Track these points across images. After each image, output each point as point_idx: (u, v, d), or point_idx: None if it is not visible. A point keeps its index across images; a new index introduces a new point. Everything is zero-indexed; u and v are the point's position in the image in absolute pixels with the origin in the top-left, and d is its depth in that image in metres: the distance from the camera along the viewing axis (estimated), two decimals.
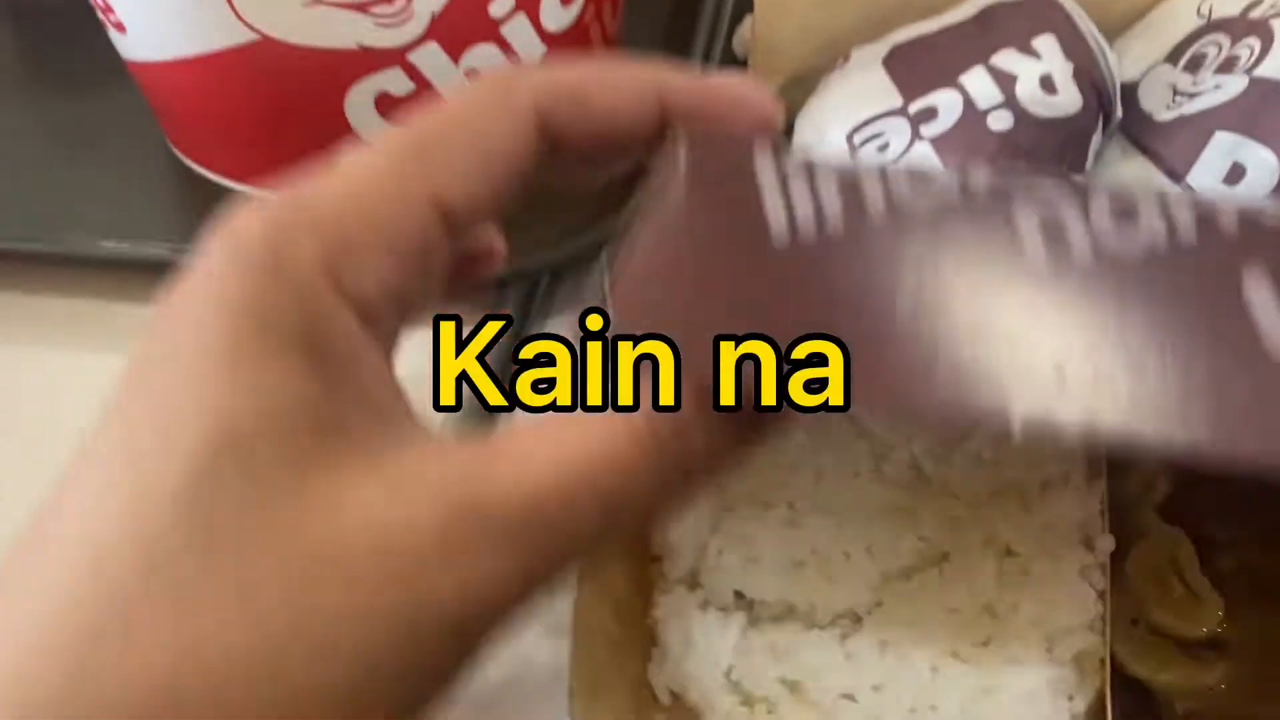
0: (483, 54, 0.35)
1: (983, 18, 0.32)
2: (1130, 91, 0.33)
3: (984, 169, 0.18)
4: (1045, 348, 0.16)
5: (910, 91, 0.32)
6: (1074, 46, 0.31)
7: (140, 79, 0.38)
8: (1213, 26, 0.34)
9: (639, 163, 0.20)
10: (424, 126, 0.19)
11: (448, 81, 0.35)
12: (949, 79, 0.31)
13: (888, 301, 0.16)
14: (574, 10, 0.37)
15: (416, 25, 0.33)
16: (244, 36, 0.33)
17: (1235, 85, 0.31)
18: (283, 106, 0.35)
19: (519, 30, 0.36)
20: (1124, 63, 0.34)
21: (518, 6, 0.35)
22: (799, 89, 0.38)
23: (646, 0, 0.44)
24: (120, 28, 0.36)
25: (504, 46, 0.36)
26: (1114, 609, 0.28)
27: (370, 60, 0.34)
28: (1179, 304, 0.16)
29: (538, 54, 0.37)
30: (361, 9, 0.33)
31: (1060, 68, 0.31)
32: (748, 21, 0.41)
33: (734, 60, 0.42)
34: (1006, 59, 0.31)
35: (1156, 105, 0.33)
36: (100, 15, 0.37)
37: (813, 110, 0.35)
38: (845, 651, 0.29)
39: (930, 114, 0.31)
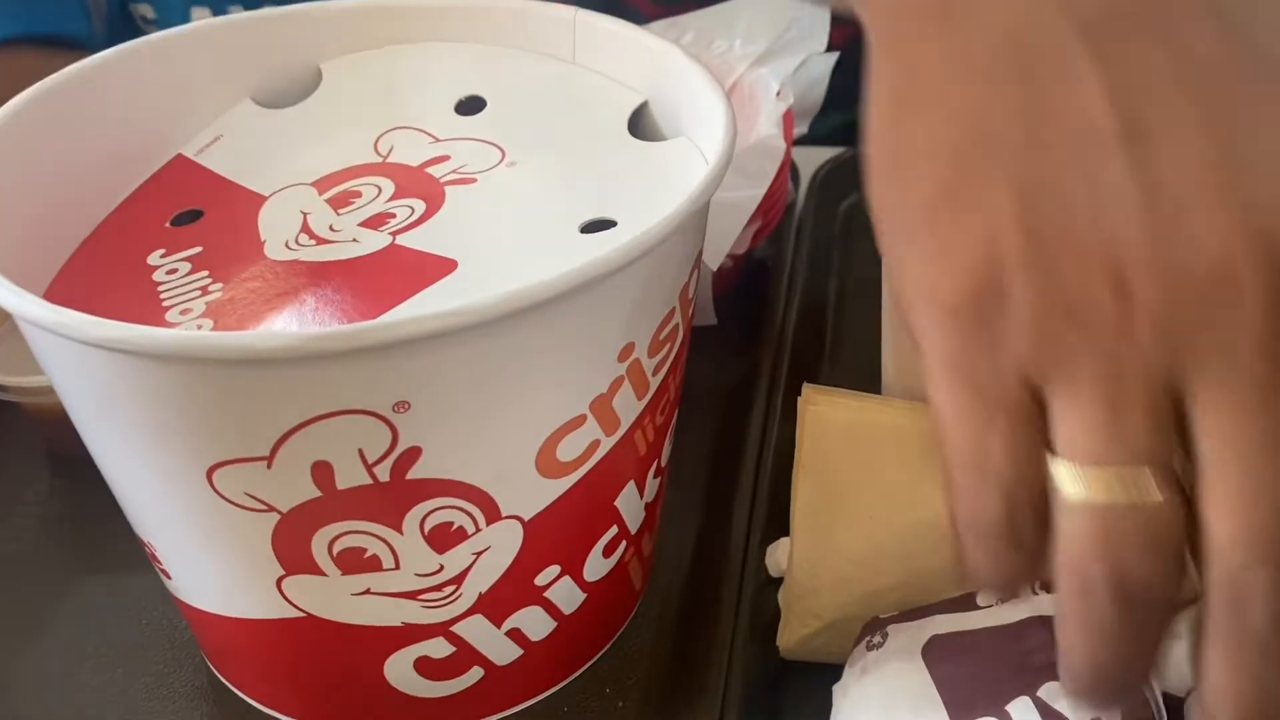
0: (526, 616, 0.36)
1: (1027, 630, 0.33)
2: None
3: None
4: None
5: (956, 712, 0.32)
6: None
7: (183, 611, 0.38)
8: None
9: None
10: None
11: (490, 644, 0.35)
12: (995, 705, 0.31)
13: None
14: (615, 557, 0.38)
15: (463, 603, 0.34)
16: (290, 613, 0.33)
17: None
18: (323, 665, 0.35)
19: (562, 589, 0.36)
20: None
21: (563, 571, 0.36)
22: (832, 633, 0.39)
23: (675, 521, 0.45)
24: (166, 574, 0.36)
25: (547, 606, 0.36)
26: None
27: (414, 634, 0.34)
28: None
29: (578, 603, 0.37)
30: (411, 596, 0.33)
31: None
32: (782, 545, 0.41)
33: (766, 575, 0.42)
34: (1055, 693, 0.31)
35: None
36: (149, 554, 0.37)
37: (852, 696, 0.34)
38: None
39: None
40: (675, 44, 0.40)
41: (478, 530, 0.32)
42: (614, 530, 0.37)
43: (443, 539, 0.32)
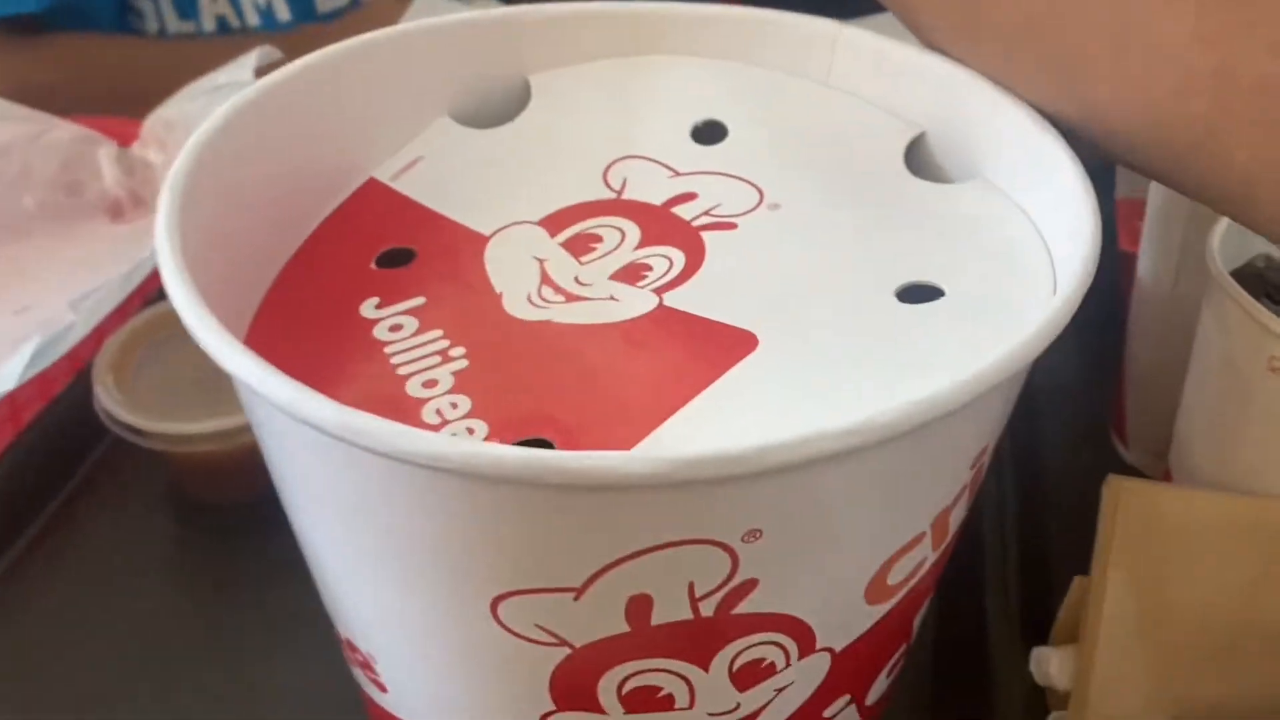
0: None
1: None
2: None
3: None
4: None
5: None
6: None
7: None
8: None
9: None
10: None
11: None
12: None
13: None
14: (893, 677, 0.32)
15: None
16: None
17: None
18: None
19: (845, 718, 0.30)
20: None
21: (851, 699, 0.30)
22: None
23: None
24: (378, 685, 0.31)
25: None
26: None
27: None
28: None
29: None
30: None
31: None
32: (1054, 655, 0.36)
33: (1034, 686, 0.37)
34: None
35: None
36: (345, 653, 0.32)
37: None
38: None
39: None
40: (964, 66, 0.34)
41: (787, 665, 0.27)
42: (902, 648, 0.31)
43: (749, 676, 0.26)
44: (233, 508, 0.43)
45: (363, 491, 0.24)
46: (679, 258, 0.32)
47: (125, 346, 0.43)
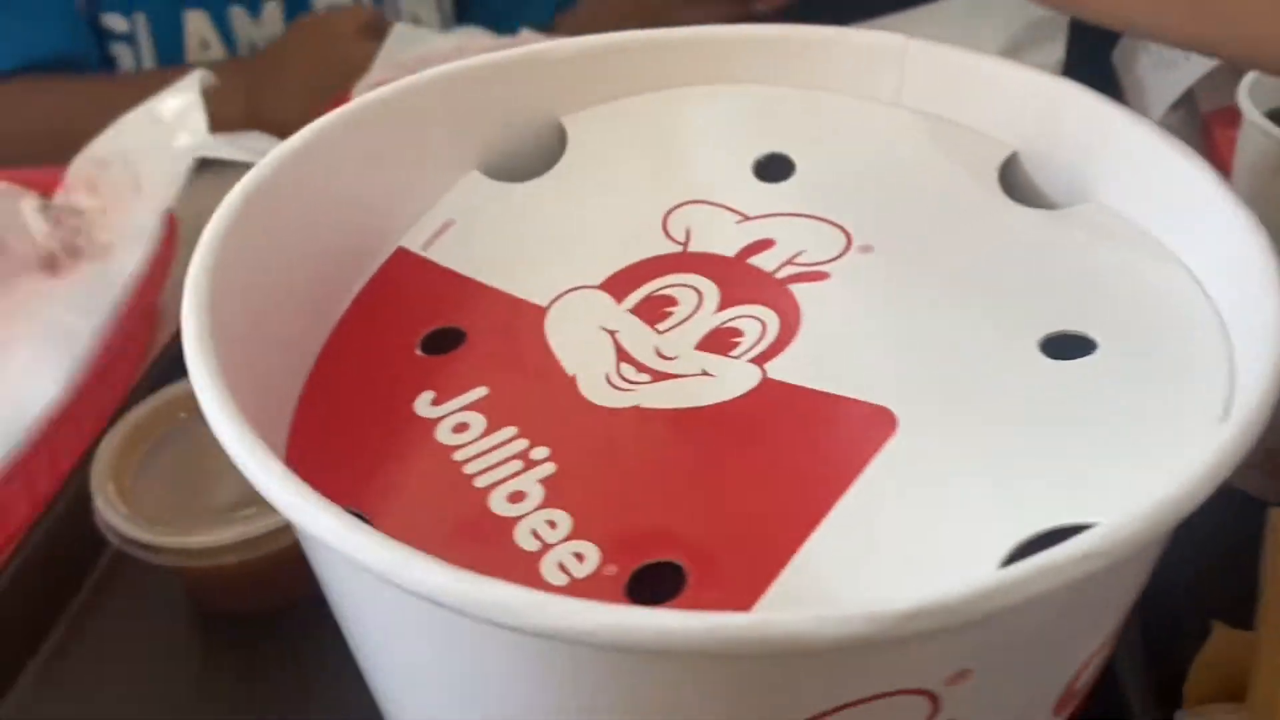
0: None
1: None
2: None
3: None
4: None
5: None
6: None
7: None
8: None
9: None
10: None
11: None
12: None
13: None
14: None
15: None
16: None
17: None
18: None
19: None
20: None
21: None
22: None
23: None
24: None
25: None
26: None
27: None
28: None
29: None
30: None
31: None
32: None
33: None
34: None
35: None
36: None
37: None
38: None
39: None
40: (1057, 75, 0.31)
41: None
42: None
43: None
44: (256, 618, 0.39)
45: (485, 668, 0.20)
46: (771, 319, 0.28)
47: (124, 447, 0.39)
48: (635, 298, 0.29)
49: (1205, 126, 0.51)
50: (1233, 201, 0.25)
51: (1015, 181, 0.31)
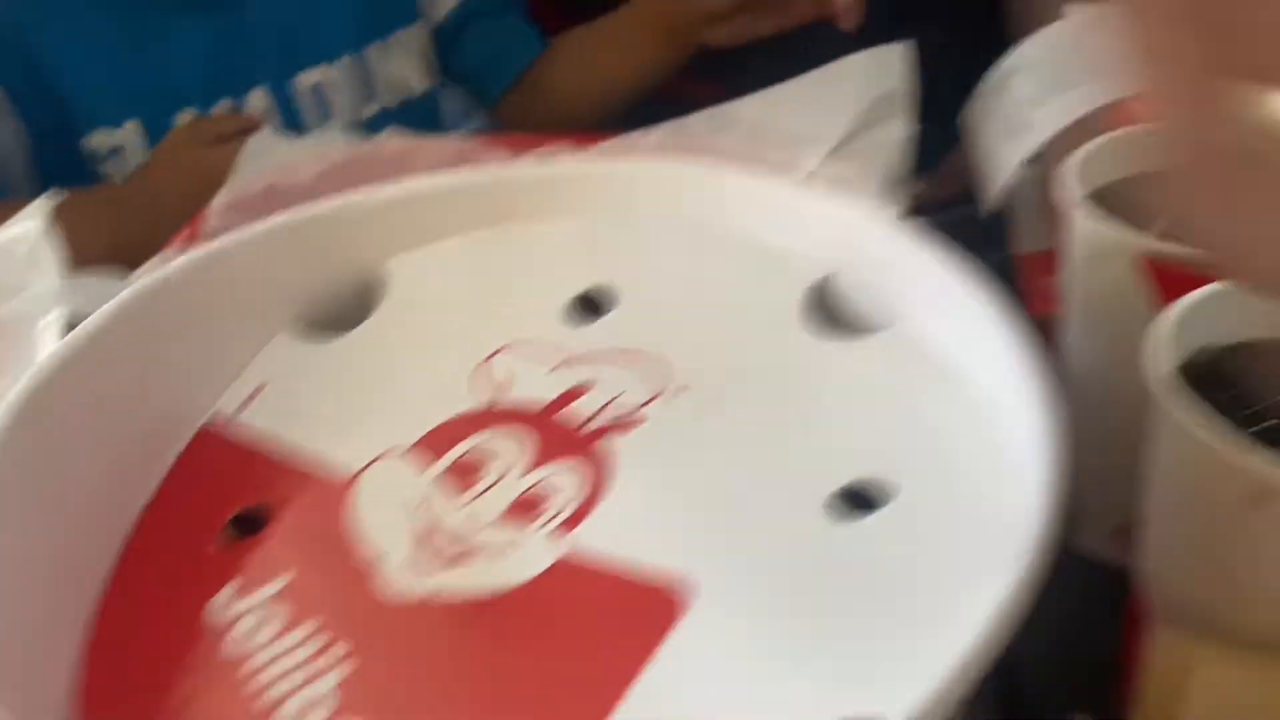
0: None
1: None
2: None
3: None
4: None
5: None
6: None
7: None
8: None
9: None
10: None
11: None
12: None
13: None
14: None
15: None
16: None
17: None
18: None
19: None
20: None
21: None
22: None
23: None
24: None
25: None
26: None
27: None
28: None
29: None
30: None
31: None
32: None
33: None
34: None
35: None
36: None
37: None
38: None
39: None
40: (868, 205, 0.31)
41: None
42: None
43: None
44: None
45: None
46: (577, 480, 0.27)
47: None
48: (443, 463, 0.28)
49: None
50: (1006, 325, 0.25)
51: (829, 305, 0.31)
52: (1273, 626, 0.31)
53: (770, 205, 0.32)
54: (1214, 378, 0.34)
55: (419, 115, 0.72)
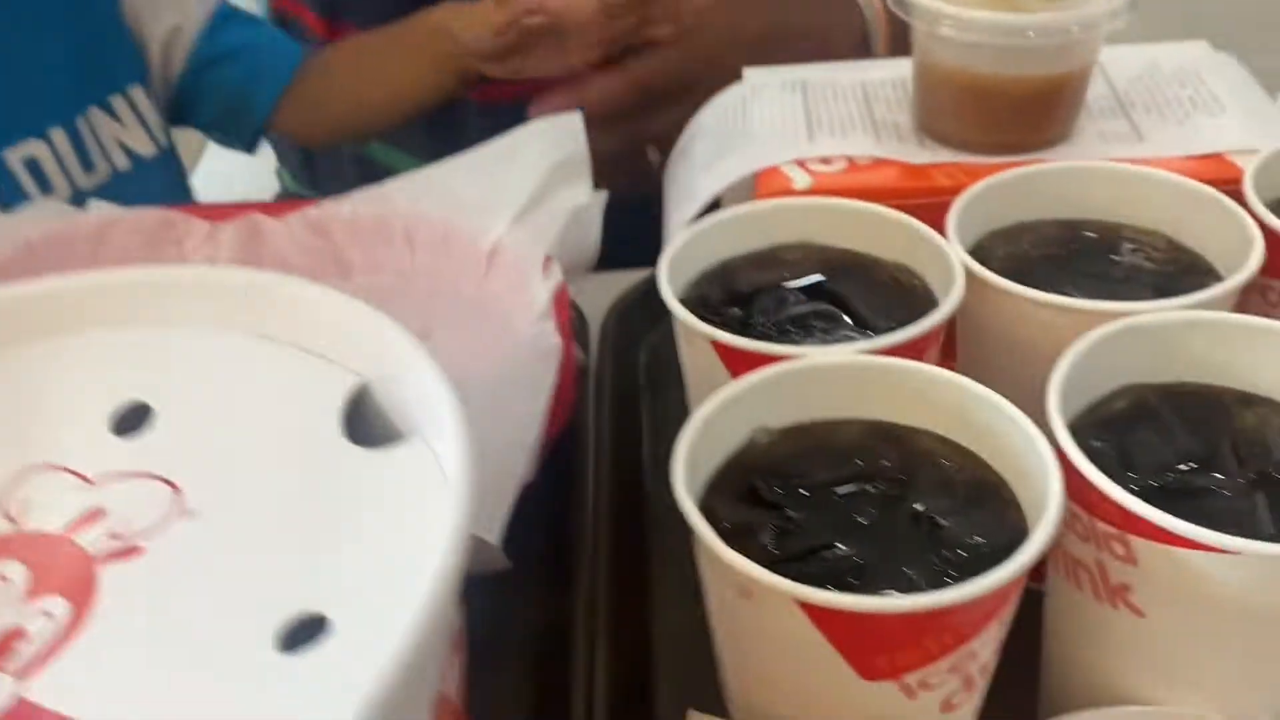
0: None
1: None
2: None
3: None
4: None
5: None
6: None
7: None
8: None
9: None
10: None
11: None
12: None
13: None
14: None
15: None
16: None
17: None
18: None
19: None
20: None
21: None
22: None
23: None
24: None
25: None
26: None
27: None
28: None
29: None
30: None
31: None
32: None
33: None
34: None
35: None
36: None
37: None
38: None
39: None
40: (390, 319, 0.30)
41: None
42: None
43: None
44: None
45: None
46: (60, 614, 0.27)
47: None
48: None
49: None
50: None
51: (368, 414, 0.31)
52: (766, 705, 0.32)
53: (312, 314, 0.32)
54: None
55: (155, 177, 0.70)
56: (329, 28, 0.80)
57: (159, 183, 0.72)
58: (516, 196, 0.51)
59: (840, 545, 0.32)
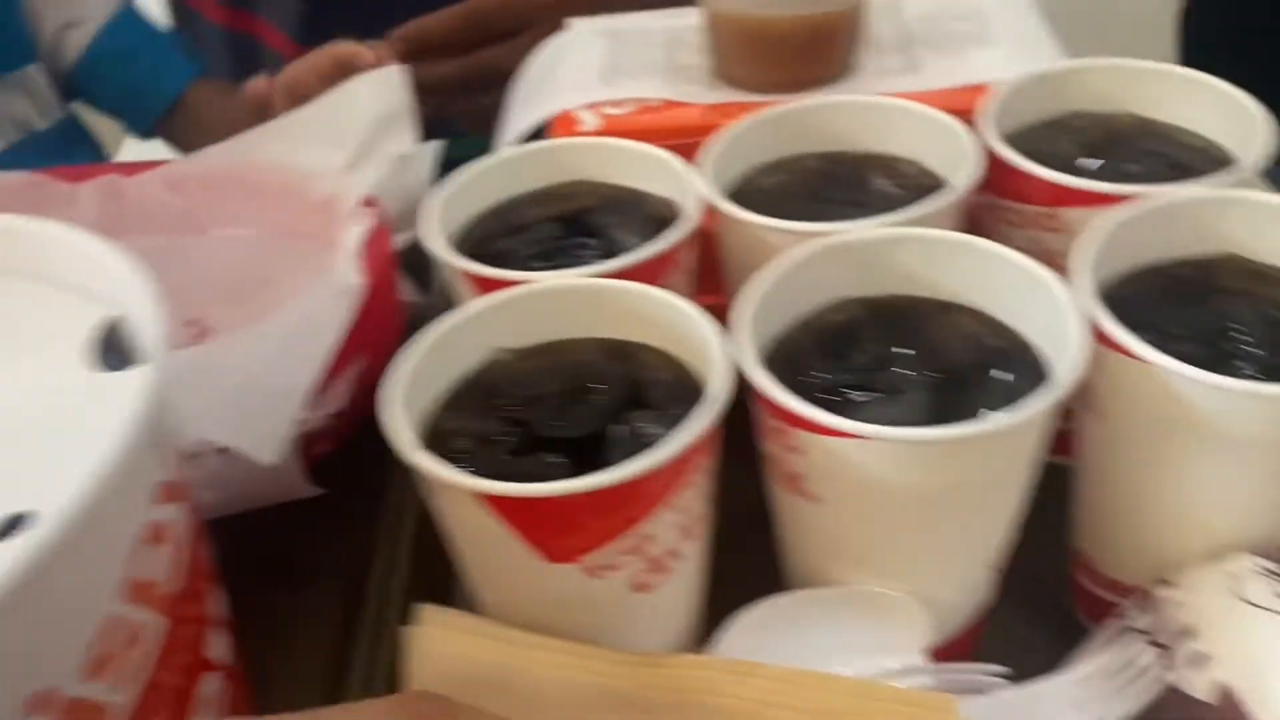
0: None
1: None
2: None
3: None
4: None
5: None
6: None
7: None
8: None
9: None
10: None
11: None
12: None
13: None
14: None
15: None
16: None
17: None
18: None
19: None
20: None
21: None
22: None
23: None
24: None
25: None
26: None
27: None
28: None
29: None
30: None
31: None
32: None
33: None
34: None
35: None
36: None
37: None
38: None
39: None
40: (124, 254, 0.34)
41: None
42: None
43: None
44: None
45: None
46: None
47: None
48: None
49: None
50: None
51: (119, 344, 0.35)
52: (483, 595, 0.36)
53: (64, 249, 0.35)
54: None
55: (50, 148, 0.74)
56: (232, 17, 0.84)
57: (59, 152, 0.76)
58: (345, 147, 0.55)
59: (553, 454, 0.35)
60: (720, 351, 0.35)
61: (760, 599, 0.38)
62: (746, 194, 0.46)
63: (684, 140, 0.46)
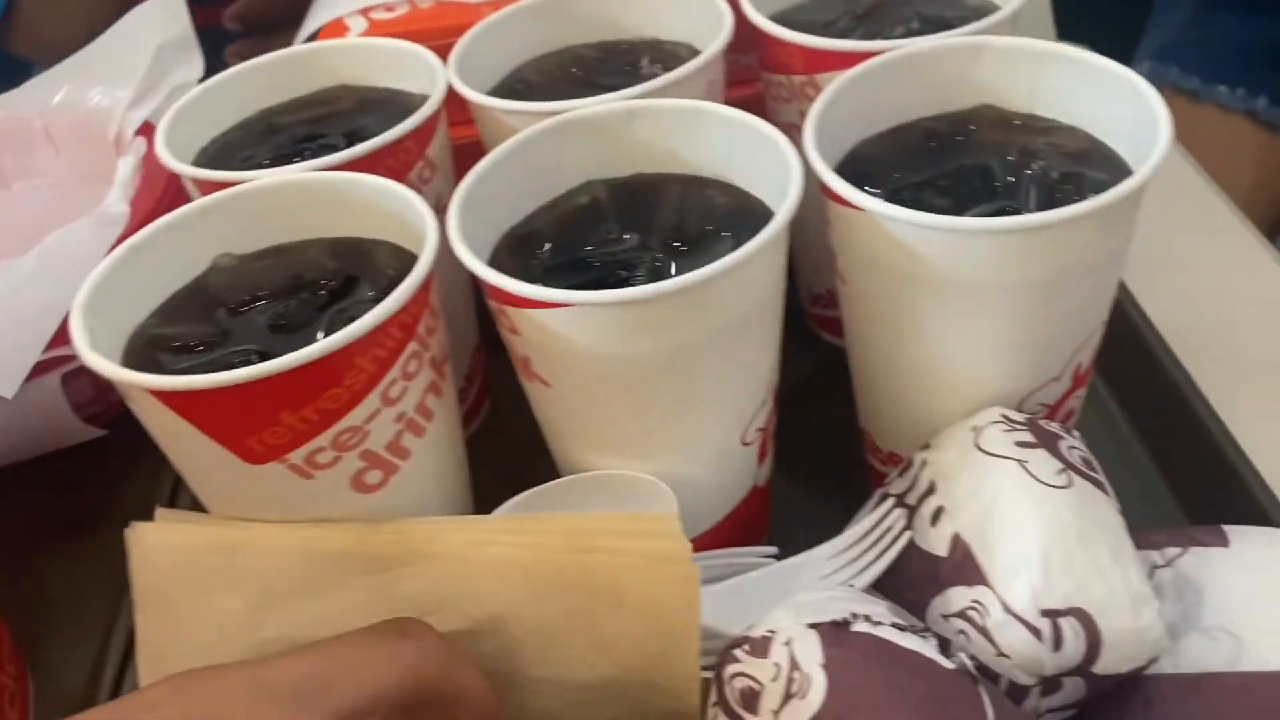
0: None
1: None
2: None
3: None
4: None
5: None
6: None
7: None
8: None
9: None
10: None
11: None
12: None
13: None
14: None
15: None
16: None
17: None
18: None
19: None
20: None
21: None
22: None
23: None
24: None
25: None
26: None
27: None
28: None
29: None
30: None
31: None
32: None
33: None
34: None
35: None
36: None
37: None
38: None
39: None
40: None
41: None
42: None
43: None
44: None
45: None
46: None
47: None
48: None
49: None
50: None
51: None
52: (204, 499, 0.35)
53: None
54: None
55: None
56: None
57: None
58: (130, 80, 0.53)
59: (260, 354, 0.33)
60: (433, 235, 0.33)
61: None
62: (511, 86, 0.44)
63: (451, 40, 0.44)
